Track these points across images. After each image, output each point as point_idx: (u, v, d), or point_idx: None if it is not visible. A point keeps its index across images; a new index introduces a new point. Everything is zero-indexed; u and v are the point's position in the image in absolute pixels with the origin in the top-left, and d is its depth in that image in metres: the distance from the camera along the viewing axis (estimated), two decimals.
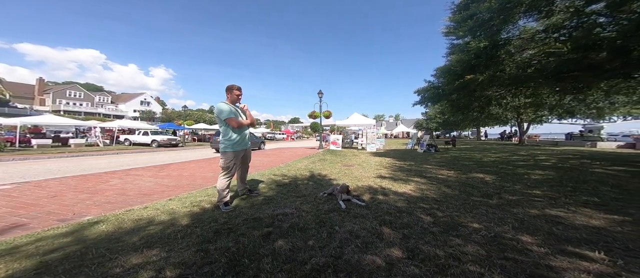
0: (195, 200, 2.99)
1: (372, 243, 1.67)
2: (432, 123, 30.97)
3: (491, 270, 1.28)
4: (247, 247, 1.67)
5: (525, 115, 17.13)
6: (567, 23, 5.50)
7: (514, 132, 24.64)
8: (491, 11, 5.66)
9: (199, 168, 6.22)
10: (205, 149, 15.16)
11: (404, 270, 1.33)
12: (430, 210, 2.40)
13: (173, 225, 2.15)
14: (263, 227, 2.02)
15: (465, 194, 3.04)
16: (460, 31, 6.91)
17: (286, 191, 3.29)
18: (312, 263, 1.43)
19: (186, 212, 2.54)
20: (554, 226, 1.94)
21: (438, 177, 4.34)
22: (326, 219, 2.15)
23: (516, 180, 3.94)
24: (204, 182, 4.43)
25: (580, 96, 9.85)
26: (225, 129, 2.62)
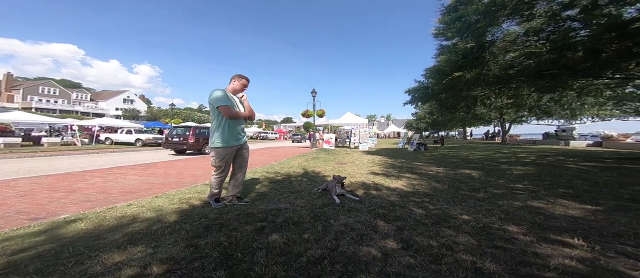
0: (183, 197, 2.88)
1: (367, 236, 1.67)
2: (421, 123, 31.82)
3: (482, 258, 1.32)
4: (239, 241, 1.62)
5: (507, 116, 18.09)
6: (545, 26, 5.86)
7: (497, 132, 25.89)
8: (478, 14, 5.93)
9: (188, 167, 6.01)
10: None
11: (400, 260, 1.34)
12: (422, 203, 2.45)
13: (159, 222, 2.04)
14: (256, 222, 1.97)
15: (454, 189, 3.14)
16: (449, 32, 7.19)
17: (280, 187, 3.24)
18: (308, 255, 1.41)
19: (174, 208, 2.43)
20: (537, 216, 2.04)
21: (428, 173, 4.45)
22: (321, 213, 2.13)
23: (500, 176, 4.12)
24: (193, 180, 4.28)
25: (556, 97, 10.52)
26: (218, 120, 2.28)
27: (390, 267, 1.26)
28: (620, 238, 1.56)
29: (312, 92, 12.37)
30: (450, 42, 7.66)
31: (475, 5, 5.99)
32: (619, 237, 1.59)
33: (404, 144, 13.57)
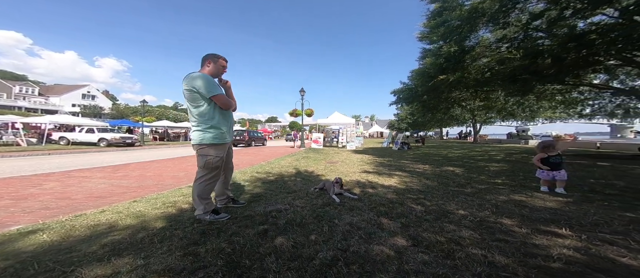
0: (167, 200, 2.62)
1: (374, 234, 1.66)
2: (402, 123, 33.32)
3: (491, 252, 1.37)
4: (243, 247, 1.49)
5: (478, 117, 19.73)
6: (516, 35, 6.50)
7: (469, 132, 28.13)
8: (461, 19, 6.37)
9: (166, 168, 5.52)
10: (171, 148, 13.62)
11: (414, 257, 1.34)
12: (419, 200, 2.52)
13: (144, 229, 1.82)
14: (257, 225, 1.85)
15: (444, 185, 3.29)
16: (434, 36, 7.63)
17: (274, 188, 3.11)
18: (320, 258, 1.35)
19: (159, 214, 2.19)
20: (522, 209, 2.21)
21: (416, 171, 4.63)
22: (323, 213, 2.07)
23: (480, 172, 4.44)
24: (175, 182, 3.94)
25: (521, 100, 11.70)
26: (208, 112, 1.81)
27: (407, 265, 1.25)
28: (598, 227, 1.75)
29: (300, 91, 12.22)
30: (433, 46, 8.14)
31: (459, 10, 6.44)
32: (596, 226, 1.77)
33: (389, 143, 14.09)
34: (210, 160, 1.88)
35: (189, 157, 7.97)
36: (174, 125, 25.16)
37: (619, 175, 4.00)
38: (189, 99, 1.82)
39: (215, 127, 1.86)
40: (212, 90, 1.80)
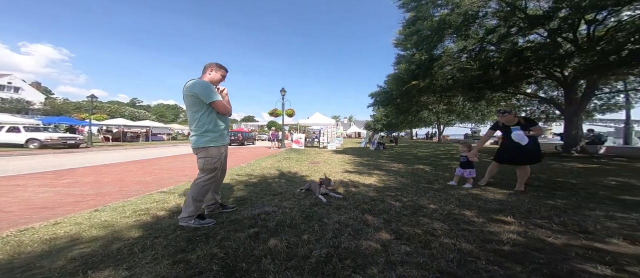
0: (138, 208, 2.41)
1: (361, 230, 1.80)
2: (378, 124, 35.22)
3: (459, 240, 1.62)
4: (237, 250, 1.49)
5: (442, 119, 21.98)
6: (474, 47, 7.49)
7: (434, 133, 31.07)
8: (431, 29, 7.10)
9: (128, 173, 4.95)
10: (129, 150, 12.07)
11: (398, 249, 1.51)
12: (396, 196, 2.77)
13: (118, 240, 1.67)
14: (247, 229, 1.84)
15: (416, 182, 3.65)
16: (408, 44, 8.37)
17: (258, 190, 3.07)
18: (315, 256, 1.43)
19: (131, 223, 2.02)
20: (479, 201, 2.60)
21: (392, 170, 5.00)
22: (312, 213, 2.15)
23: (445, 170, 5.00)
24: (143, 188, 3.58)
25: (475, 106, 13.47)
26: (207, 116, 1.91)
27: (393, 256, 1.41)
28: (531, 214, 2.17)
29: (281, 91, 11.97)
30: (407, 53, 8.93)
31: (430, 21, 7.18)
32: (530, 213, 2.20)
33: (366, 143, 14.80)
34: (208, 161, 1.94)
35: (155, 160, 7.25)
36: (131, 124, 22.27)
37: (542, 169, 4.91)
38: (190, 104, 1.91)
39: (212, 130, 1.94)
40: (212, 97, 1.88)
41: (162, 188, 3.37)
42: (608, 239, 1.65)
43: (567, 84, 7.74)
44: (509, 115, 3.18)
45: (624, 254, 1.45)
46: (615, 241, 1.62)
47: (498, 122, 3.34)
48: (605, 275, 1.24)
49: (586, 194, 2.89)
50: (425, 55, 7.51)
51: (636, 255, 1.43)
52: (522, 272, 1.25)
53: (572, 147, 7.96)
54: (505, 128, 3.25)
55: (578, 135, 8.11)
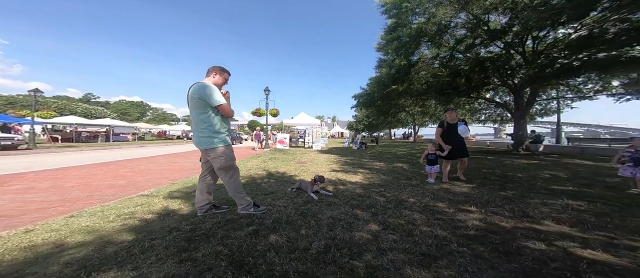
0: (121, 212, 2.31)
1: (353, 223, 2.00)
2: (360, 125, 36.45)
3: (435, 228, 1.90)
4: (240, 247, 1.57)
5: (417, 120, 23.64)
6: (446, 55, 8.28)
7: (410, 133, 33.22)
8: (410, 37, 7.67)
9: (94, 176, 4.50)
10: (85, 152, 10.73)
11: (386, 237, 1.73)
12: (380, 192, 3.04)
13: (111, 243, 1.63)
14: (245, 227, 1.91)
15: (396, 179, 4.00)
16: (389, 49, 8.91)
17: (248, 190, 3.09)
18: (315, 248, 1.58)
19: (118, 227, 1.95)
20: (449, 194, 3.00)
21: (375, 168, 5.35)
22: (306, 210, 2.29)
23: (420, 167, 5.49)
24: (118, 192, 3.34)
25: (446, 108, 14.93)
26: (213, 118, 2.00)
27: (383, 244, 1.63)
28: (489, 204, 2.59)
29: (265, 90, 11.66)
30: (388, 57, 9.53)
31: (409, 29, 7.75)
32: (488, 203, 2.63)
33: (350, 143, 15.30)
34: (224, 160, 2.05)
35: (125, 162, 6.65)
36: (87, 122, 19.62)
37: (497, 165, 5.72)
38: (196, 106, 1.98)
39: (220, 131, 2.06)
40: (218, 100, 1.97)
41: (141, 192, 3.20)
42: (542, 221, 2.09)
43: (516, 91, 8.98)
44: (454, 113, 3.93)
45: (553, 232, 1.86)
46: (547, 222, 2.06)
47: (444, 122, 3.97)
48: (541, 249, 1.61)
49: (528, 185, 3.50)
50: (404, 60, 8.15)
51: (560, 232, 1.85)
52: (484, 251, 1.56)
53: (520, 145, 9.29)
54: (449, 126, 3.88)
55: (524, 135, 9.49)
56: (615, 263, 1.40)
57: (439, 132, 3.97)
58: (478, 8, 7.14)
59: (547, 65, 6.75)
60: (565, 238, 1.73)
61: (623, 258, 1.45)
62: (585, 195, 2.89)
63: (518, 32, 7.34)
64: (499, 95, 12.01)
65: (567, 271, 1.31)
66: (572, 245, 1.62)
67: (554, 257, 1.47)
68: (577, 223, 2.01)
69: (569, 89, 9.53)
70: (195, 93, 1.96)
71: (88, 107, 35.58)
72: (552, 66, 6.66)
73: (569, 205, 2.51)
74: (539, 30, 7.18)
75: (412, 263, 1.39)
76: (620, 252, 1.52)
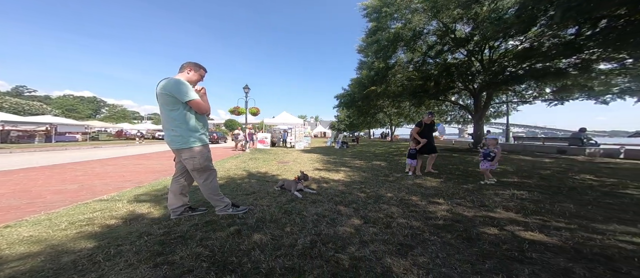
0: (75, 219, 2.06)
1: (337, 219, 2.06)
2: (342, 125, 37.11)
3: (410, 219, 2.07)
4: (222, 248, 1.52)
5: (394, 121, 25.00)
6: (419, 59, 8.87)
7: (388, 133, 34.99)
8: (388, 41, 8.04)
9: (35, 181, 3.85)
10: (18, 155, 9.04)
11: (367, 230, 1.83)
12: (361, 189, 3.18)
13: (66, 253, 1.44)
14: (226, 228, 1.85)
15: (375, 176, 4.21)
16: (369, 52, 9.23)
17: (227, 192, 2.98)
18: (301, 243, 1.60)
19: (73, 235, 1.73)
20: (421, 189, 3.27)
21: (355, 166, 5.54)
22: (291, 208, 2.29)
23: (396, 164, 5.87)
24: (69, 197, 2.92)
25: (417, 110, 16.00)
26: (184, 116, 1.84)
27: (364, 237, 1.72)
28: (454, 196, 2.90)
29: (244, 88, 11.05)
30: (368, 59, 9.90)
31: (387, 33, 8.12)
32: (453, 195, 2.93)
33: (332, 143, 15.51)
34: (199, 161, 1.91)
35: (75, 165, 5.81)
36: (20, 119, 16.38)
37: (460, 162, 6.39)
38: (164, 103, 1.82)
39: (195, 129, 1.90)
40: (188, 95, 1.82)
41: (100, 197, 2.84)
42: (495, 209, 2.41)
43: (475, 95, 10.07)
44: (432, 116, 4.65)
45: (503, 218, 2.17)
46: (498, 210, 2.39)
47: (422, 122, 4.60)
48: (495, 233, 1.86)
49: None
50: (383, 63, 8.58)
51: (509, 218, 2.17)
52: (451, 238, 1.75)
53: (479, 144, 10.49)
54: (427, 126, 4.54)
55: (481, 135, 10.72)
56: (548, 241, 1.69)
57: (417, 130, 4.56)
58: (447, 17, 7.79)
59: (499, 72, 7.71)
60: (512, 224, 2.02)
61: (553, 237, 1.75)
62: (526, 186, 3.41)
63: (478, 41, 8.20)
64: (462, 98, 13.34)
65: (515, 251, 1.55)
66: (517, 229, 1.91)
67: (505, 240, 1.72)
68: (521, 209, 2.37)
69: (515, 94, 11.01)
70: (164, 89, 1.80)
71: (20, 101, 29.59)
72: (503, 73, 7.63)
73: (515, 194, 2.93)
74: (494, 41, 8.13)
75: (391, 253, 1.51)
76: (551, 232, 1.84)
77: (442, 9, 7.42)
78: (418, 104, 10.68)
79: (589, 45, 5.34)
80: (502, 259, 1.43)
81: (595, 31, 5.06)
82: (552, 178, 3.91)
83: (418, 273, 1.28)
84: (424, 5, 7.65)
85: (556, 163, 5.83)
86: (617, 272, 1.29)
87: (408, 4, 7.84)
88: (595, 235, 1.76)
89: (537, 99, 10.00)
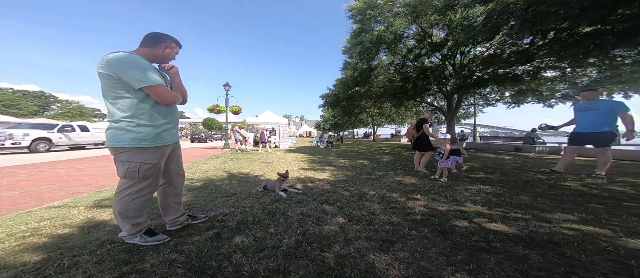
0: (17, 230, 1.84)
1: (322, 218, 2.07)
2: (327, 124, 37.24)
3: (391, 216, 2.15)
4: (200, 253, 1.42)
5: (376, 121, 25.81)
6: (399, 62, 9.26)
7: (370, 133, 36.03)
8: (371, 43, 8.25)
9: None
10: None
11: (351, 228, 1.86)
12: (346, 188, 3.22)
13: (5, 268, 1.24)
14: (204, 232, 1.74)
15: (359, 175, 4.30)
16: (353, 53, 9.39)
17: (206, 194, 2.81)
18: (286, 244, 1.57)
19: (14, 247, 1.55)
20: (401, 186, 3.43)
21: (340, 165, 5.59)
22: (275, 209, 2.23)
23: (378, 163, 6.06)
24: (6, 206, 2.51)
25: (397, 111, 16.75)
26: (133, 106, 1.34)
27: (349, 235, 1.75)
28: (430, 192, 3.09)
29: (225, 86, 10.45)
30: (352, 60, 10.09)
31: (371, 36, 8.32)
32: (429, 192, 3.12)
33: (317, 142, 15.49)
34: (134, 167, 1.39)
35: (14, 169, 5.02)
36: None
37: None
38: (109, 88, 1.32)
39: (143, 125, 1.38)
40: (148, 79, 1.34)
41: (49, 204, 2.49)
42: (465, 204, 2.62)
43: (448, 97, 10.84)
44: (432, 113, 4.72)
45: (472, 212, 2.36)
46: (468, 204, 2.60)
47: (426, 118, 4.65)
48: (465, 226, 2.02)
49: (456, 176, 4.33)
50: (366, 64, 8.82)
51: (477, 212, 2.36)
52: (428, 233, 1.85)
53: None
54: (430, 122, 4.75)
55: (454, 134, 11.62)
56: (509, 232, 1.88)
57: (428, 127, 4.63)
58: (426, 22, 8.23)
59: (468, 76, 8.39)
60: (480, 216, 2.21)
61: (513, 228, 1.95)
62: (490, 181, 3.76)
63: (452, 46, 8.81)
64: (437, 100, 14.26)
65: (483, 242, 1.69)
66: (484, 221, 2.09)
67: (474, 232, 1.87)
68: (486, 203, 2.60)
69: (481, 97, 12.10)
70: (106, 68, 1.27)
71: None
72: (471, 78, 8.32)
73: (481, 189, 3.21)
74: (465, 47, 8.81)
75: (374, 249, 1.55)
76: (511, 223, 2.04)
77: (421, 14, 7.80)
78: (398, 105, 11.18)
79: (540, 54, 6.08)
80: (472, 250, 1.55)
81: (544, 42, 5.76)
82: (511, 174, 4.36)
83: (399, 268, 1.34)
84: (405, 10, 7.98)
85: (514, 160, 6.52)
86: (563, 256, 1.48)
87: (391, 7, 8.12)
88: (545, 224, 1.99)
89: (499, 101, 11.12)
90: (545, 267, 1.33)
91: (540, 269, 1.31)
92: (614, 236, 1.72)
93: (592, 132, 3.79)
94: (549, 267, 1.33)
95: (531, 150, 8.78)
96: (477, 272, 1.29)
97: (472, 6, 6.57)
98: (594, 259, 1.41)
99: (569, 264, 1.35)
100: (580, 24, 4.56)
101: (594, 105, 3.78)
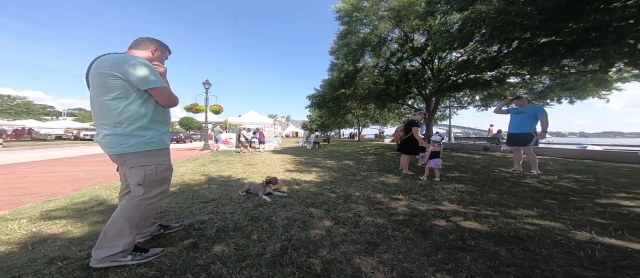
0: None
1: (308, 222, 2.05)
2: (313, 124, 37.04)
3: (376, 217, 2.20)
4: (174, 265, 1.33)
5: (361, 122, 26.30)
6: (383, 64, 9.52)
7: (355, 133, 36.69)
8: (357, 45, 8.35)
9: None
10: None
11: (337, 231, 1.87)
12: (332, 189, 3.23)
13: None
14: (178, 241, 1.63)
15: (344, 175, 4.34)
16: (340, 54, 9.46)
17: (181, 200, 2.63)
18: (270, 251, 1.53)
19: None
20: (384, 186, 3.53)
21: (327, 166, 5.60)
22: (258, 214, 2.16)
23: (363, 163, 6.18)
24: None
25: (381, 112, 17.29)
26: (136, 109, 1.30)
27: (335, 238, 1.75)
28: (411, 192, 3.23)
29: (204, 84, 9.84)
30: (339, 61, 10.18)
31: (357, 37, 8.42)
32: (410, 191, 3.26)
33: (304, 143, 15.33)
34: (153, 171, 1.36)
35: None
36: None
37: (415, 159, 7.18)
38: (108, 88, 1.24)
39: (147, 127, 1.34)
40: (155, 81, 1.32)
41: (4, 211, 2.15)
42: (442, 202, 2.77)
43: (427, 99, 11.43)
44: (422, 115, 4.91)
45: (449, 210, 2.51)
46: (445, 203, 2.76)
47: (416, 120, 4.80)
48: (443, 225, 2.13)
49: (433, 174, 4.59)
50: (352, 66, 8.95)
51: (453, 210, 2.51)
52: (410, 233, 1.93)
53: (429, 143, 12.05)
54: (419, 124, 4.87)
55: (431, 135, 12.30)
56: (481, 229, 2.02)
57: (417, 130, 4.71)
58: (408, 27, 8.55)
59: (444, 80, 8.92)
60: (456, 215, 2.35)
61: (484, 225, 2.10)
62: (463, 179, 4.04)
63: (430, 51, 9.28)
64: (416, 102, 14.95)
65: (459, 240, 1.80)
66: (459, 219, 2.22)
67: (451, 230, 1.98)
68: (461, 201, 2.77)
69: (455, 100, 12.94)
70: (111, 68, 1.22)
71: None
72: (447, 81, 8.86)
73: (456, 188, 3.43)
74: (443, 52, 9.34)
75: (359, 252, 1.57)
76: (482, 220, 2.20)
77: (404, 18, 8.09)
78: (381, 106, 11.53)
79: (505, 61, 6.68)
80: (450, 249, 1.64)
81: (509, 50, 6.33)
82: (480, 172, 4.72)
83: (384, 270, 1.37)
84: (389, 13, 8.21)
85: (483, 159, 7.07)
86: (527, 251, 1.62)
87: (376, 10, 8.31)
88: (511, 220, 2.17)
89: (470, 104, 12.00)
90: (513, 262, 1.45)
91: (509, 264, 1.42)
92: (565, 229, 1.94)
93: (519, 133, 4.55)
94: (516, 261, 1.45)
95: (497, 149, 9.61)
96: (455, 271, 1.36)
97: (449, 13, 6.96)
98: (551, 252, 1.57)
99: (532, 258, 1.49)
100: (539, 34, 5.10)
101: (523, 109, 4.60)
